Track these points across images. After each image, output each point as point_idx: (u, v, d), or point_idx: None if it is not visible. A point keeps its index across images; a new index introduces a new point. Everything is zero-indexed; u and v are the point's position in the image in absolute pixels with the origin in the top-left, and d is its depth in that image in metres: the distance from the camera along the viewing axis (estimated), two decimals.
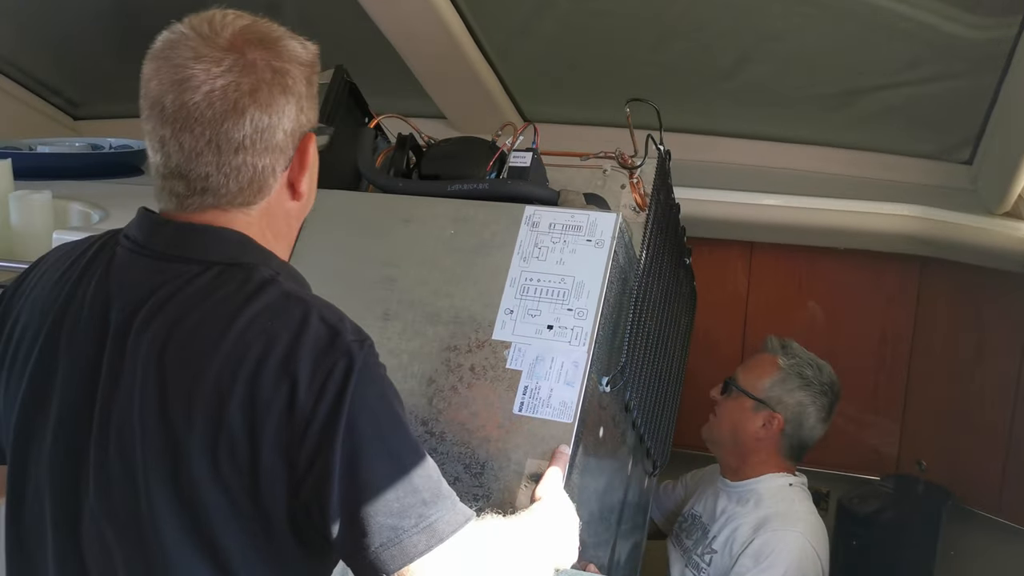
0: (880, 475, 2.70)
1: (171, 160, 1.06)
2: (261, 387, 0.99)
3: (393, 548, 1.01)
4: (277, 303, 1.05)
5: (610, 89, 2.66)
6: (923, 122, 2.35)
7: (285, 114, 1.07)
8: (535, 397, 1.46)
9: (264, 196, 1.11)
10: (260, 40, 1.07)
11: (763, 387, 2.18)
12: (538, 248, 1.57)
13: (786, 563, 2.01)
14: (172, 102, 1.04)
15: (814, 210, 2.42)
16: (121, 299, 1.07)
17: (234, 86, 1.04)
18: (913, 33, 2.00)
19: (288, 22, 2.67)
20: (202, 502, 1.02)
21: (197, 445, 1.01)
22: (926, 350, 2.62)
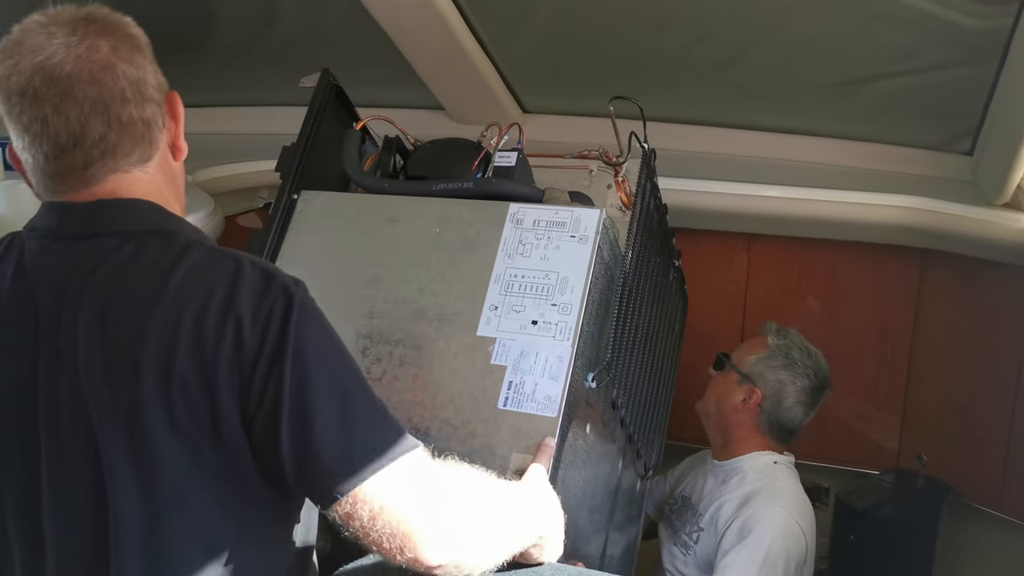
0: (880, 469, 2.68)
1: (60, 136, 1.09)
2: (206, 332, 1.03)
3: (344, 468, 1.04)
4: (208, 258, 1.10)
5: (609, 79, 2.64)
6: (923, 112, 2.32)
7: (147, 69, 1.14)
8: (519, 392, 1.47)
9: (155, 151, 1.16)
10: (100, 15, 1.13)
11: (749, 362, 2.24)
12: (522, 245, 1.58)
13: (770, 537, 2.02)
14: (43, 81, 1.07)
15: (813, 201, 2.40)
16: (44, 284, 1.09)
17: (95, 48, 1.09)
18: (911, 21, 1.97)
19: (285, 14, 2.68)
20: (163, 460, 1.04)
21: (150, 402, 1.03)
22: (927, 343, 2.60)
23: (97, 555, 1.07)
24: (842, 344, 2.66)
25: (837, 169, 2.53)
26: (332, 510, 1.07)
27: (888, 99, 2.31)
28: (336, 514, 1.07)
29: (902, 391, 2.66)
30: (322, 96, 1.85)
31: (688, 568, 2.20)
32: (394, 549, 1.07)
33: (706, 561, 2.15)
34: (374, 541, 1.07)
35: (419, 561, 1.08)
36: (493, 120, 2.87)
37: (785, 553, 2.02)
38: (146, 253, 1.09)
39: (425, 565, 1.09)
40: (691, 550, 2.20)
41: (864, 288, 2.65)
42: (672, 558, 2.25)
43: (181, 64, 2.91)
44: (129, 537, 1.06)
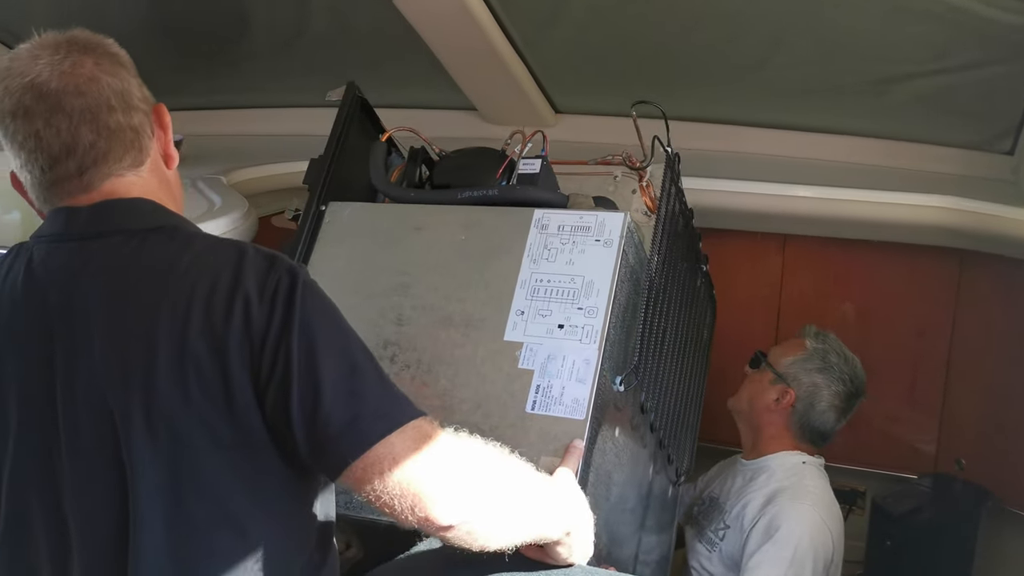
0: (917, 473, 2.64)
1: (53, 148, 1.14)
2: (216, 313, 1.07)
3: (353, 434, 1.07)
4: (211, 245, 1.16)
5: (640, 79, 2.63)
6: (962, 111, 2.28)
7: (130, 82, 1.19)
8: (547, 395, 1.48)
9: (146, 157, 1.20)
10: (84, 36, 1.19)
11: (785, 363, 2.25)
12: (548, 250, 1.59)
13: (797, 536, 2.02)
14: (32, 99, 1.13)
15: (849, 202, 2.37)
16: (55, 284, 1.13)
17: (79, 63, 1.15)
18: (949, 18, 1.94)
19: (318, 17, 2.69)
20: (181, 441, 1.08)
21: (165, 385, 1.07)
22: (965, 345, 2.55)
23: (120, 539, 1.10)
24: (878, 346, 2.63)
25: (873, 169, 2.50)
26: (343, 478, 1.10)
27: (924, 98, 2.27)
28: (347, 481, 1.10)
29: (940, 394, 2.62)
30: (348, 109, 1.87)
31: (713, 565, 2.20)
32: (405, 510, 1.09)
33: (731, 558, 2.15)
34: (385, 503, 1.09)
35: (430, 520, 1.10)
36: (525, 121, 2.90)
37: (812, 552, 2.01)
38: (151, 247, 1.14)
39: (436, 525, 1.10)
40: (716, 547, 2.20)
41: (901, 289, 2.61)
42: (697, 555, 2.25)
43: (216, 67, 2.96)
44: (152, 519, 1.09)
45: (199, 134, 2.97)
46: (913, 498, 2.53)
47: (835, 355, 2.24)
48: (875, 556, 2.57)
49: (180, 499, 1.09)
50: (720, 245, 2.72)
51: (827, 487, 2.18)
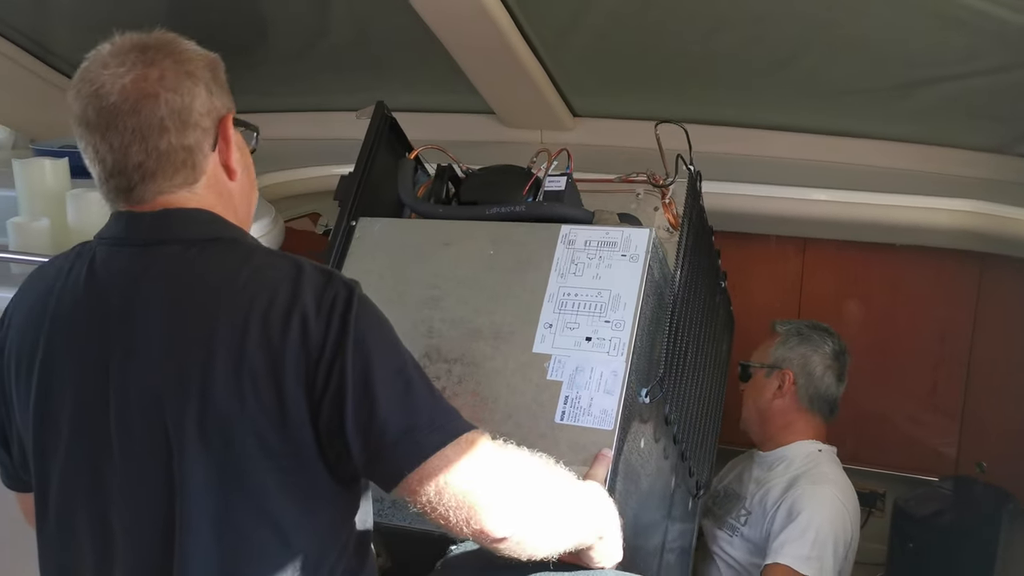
0: (938, 476, 2.64)
1: (107, 163, 1.16)
2: (273, 327, 1.09)
3: (409, 446, 1.09)
4: (269, 260, 1.17)
5: (660, 82, 2.64)
6: (984, 114, 2.28)
7: (196, 96, 1.17)
8: (576, 406, 1.50)
9: (200, 175, 1.20)
10: (158, 43, 1.19)
11: (768, 354, 2.33)
12: (575, 264, 1.62)
13: (819, 519, 2.08)
14: (93, 110, 1.14)
15: (870, 205, 2.37)
16: (115, 289, 1.15)
17: (142, 77, 1.14)
18: (974, 23, 1.94)
19: (338, 21, 2.70)
20: (233, 451, 1.10)
21: (221, 396, 1.09)
22: (986, 348, 2.55)
23: (166, 543, 1.12)
24: (900, 349, 2.63)
25: (893, 172, 2.50)
26: (399, 489, 1.11)
27: (947, 101, 2.27)
28: (403, 492, 1.11)
29: (961, 396, 2.62)
30: (377, 127, 1.91)
31: (735, 549, 2.25)
32: (460, 522, 1.11)
33: (753, 542, 2.21)
34: (441, 515, 1.11)
35: (484, 533, 1.12)
36: (543, 124, 2.92)
37: (833, 535, 2.08)
38: (211, 258, 1.16)
39: (491, 537, 1.13)
40: (737, 531, 2.25)
41: (922, 293, 2.61)
42: (717, 541, 2.30)
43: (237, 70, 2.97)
44: (200, 524, 1.10)
45: None
46: (935, 501, 2.53)
47: (806, 326, 2.35)
48: (897, 558, 2.57)
49: (228, 505, 1.11)
50: (740, 249, 2.72)
51: (843, 472, 2.25)
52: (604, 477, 1.41)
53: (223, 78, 1.24)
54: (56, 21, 2.85)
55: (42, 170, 2.05)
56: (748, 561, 2.22)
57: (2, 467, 1.34)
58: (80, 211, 1.96)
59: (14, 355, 1.21)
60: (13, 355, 1.21)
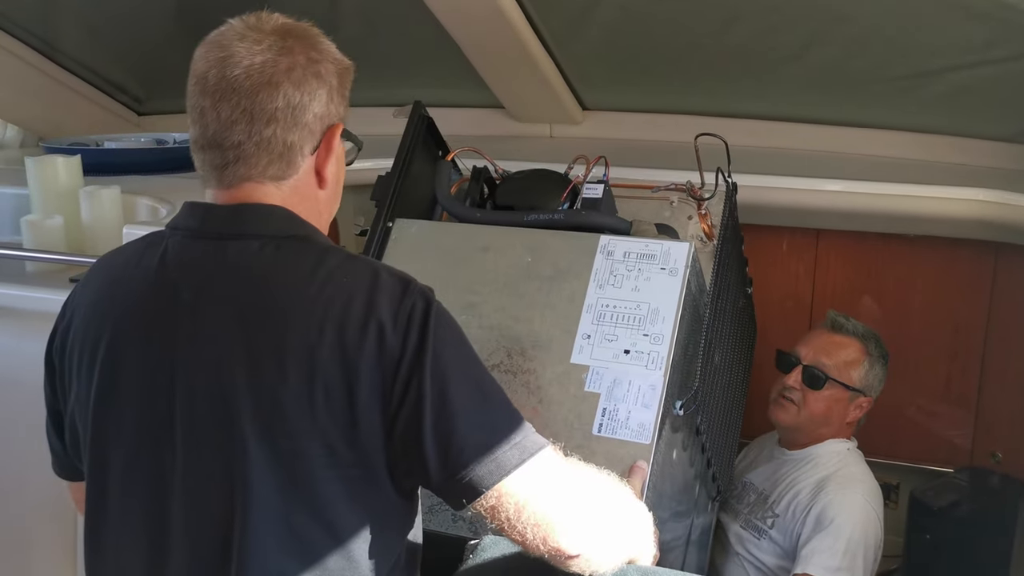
0: (953, 467, 2.62)
1: (208, 130, 1.14)
2: (349, 335, 1.07)
3: (489, 463, 1.08)
4: (345, 263, 1.14)
5: (672, 75, 2.63)
6: (999, 103, 2.27)
7: (316, 97, 1.15)
8: (613, 419, 1.51)
9: (293, 173, 1.17)
10: (300, 33, 1.18)
11: (857, 376, 2.24)
12: (613, 276, 1.63)
13: (850, 526, 2.06)
14: (215, 75, 1.12)
15: (884, 196, 2.36)
16: (187, 279, 1.14)
17: (272, 63, 1.13)
18: (990, 13, 1.93)
19: (351, 16, 2.70)
20: (300, 454, 1.08)
21: (291, 400, 1.07)
22: (1001, 339, 2.54)
23: (224, 543, 1.11)
24: (914, 340, 2.62)
25: (907, 162, 2.49)
26: (476, 504, 1.11)
27: (962, 91, 2.26)
28: (480, 508, 1.11)
29: (975, 387, 2.60)
30: (415, 127, 1.91)
31: (763, 553, 2.22)
32: (537, 540, 1.12)
33: (782, 546, 2.18)
34: (519, 532, 1.11)
35: (560, 551, 1.13)
36: (553, 118, 2.91)
37: (864, 541, 2.06)
38: (286, 255, 1.14)
39: (565, 555, 1.14)
40: (765, 534, 2.21)
41: (936, 283, 2.60)
42: (743, 541, 2.26)
43: None
44: (261, 526, 1.09)
45: None
46: (952, 492, 2.52)
47: (880, 345, 2.28)
48: (914, 550, 2.56)
49: (290, 511, 1.09)
50: (753, 240, 2.70)
51: (870, 471, 2.23)
52: (640, 489, 1.42)
53: (348, 87, 1.23)
54: (65, 21, 2.85)
55: (55, 168, 2.06)
56: (776, 564, 2.19)
57: (55, 455, 1.33)
58: (93, 208, 1.97)
59: (78, 343, 1.19)
60: (77, 343, 1.19)
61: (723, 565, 2.31)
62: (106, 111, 3.25)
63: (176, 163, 2.67)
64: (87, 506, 1.22)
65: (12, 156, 2.92)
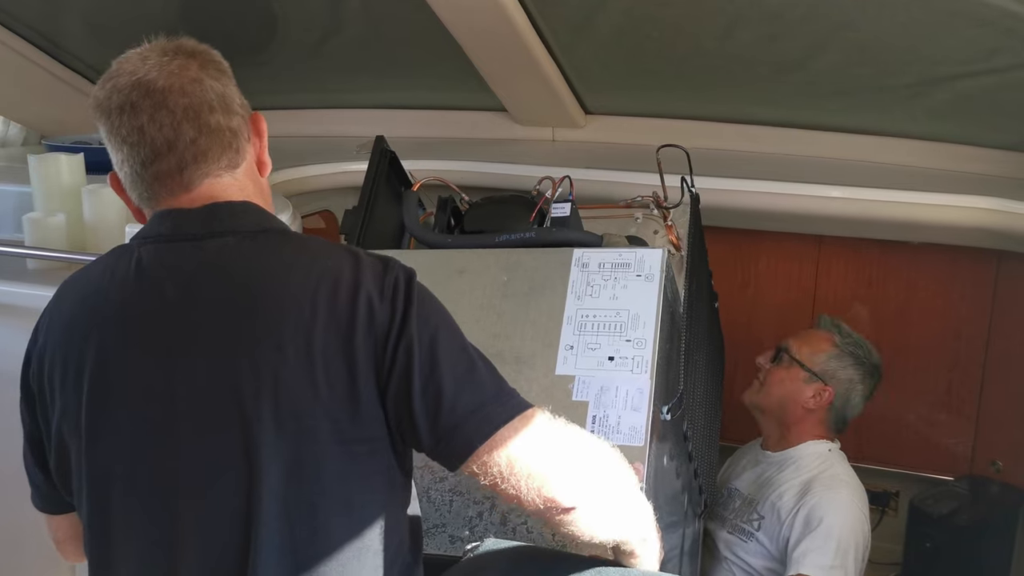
0: (953, 476, 2.62)
1: (156, 142, 1.16)
2: (340, 310, 1.12)
3: (478, 419, 1.11)
4: (325, 248, 1.20)
5: (675, 80, 2.63)
6: (1002, 112, 2.27)
7: (231, 88, 1.22)
8: (604, 425, 1.52)
9: (241, 160, 1.23)
10: (187, 43, 1.23)
11: (819, 361, 2.28)
12: (590, 287, 1.65)
13: (839, 526, 2.08)
14: (139, 95, 1.16)
15: (885, 203, 2.35)
16: (171, 278, 1.16)
17: (185, 66, 1.19)
18: (994, 21, 1.92)
19: (354, 19, 2.69)
20: (306, 432, 1.11)
21: (293, 379, 1.10)
22: (1002, 347, 2.54)
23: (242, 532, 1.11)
24: (914, 347, 2.62)
25: (911, 169, 2.49)
26: (468, 463, 1.12)
27: (965, 98, 2.26)
28: (472, 466, 1.13)
29: (976, 395, 2.61)
30: (378, 163, 1.99)
31: (751, 555, 2.23)
32: (532, 492, 1.13)
33: (770, 548, 2.19)
34: (512, 486, 1.12)
35: (556, 502, 1.14)
36: (556, 122, 2.91)
37: (854, 539, 2.08)
38: (267, 247, 1.18)
39: (561, 506, 1.15)
40: (751, 536, 2.23)
41: (937, 291, 2.60)
42: (730, 545, 2.28)
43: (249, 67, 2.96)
44: (275, 509, 1.11)
45: None
46: (951, 500, 2.52)
47: (860, 348, 2.31)
48: (913, 558, 2.56)
49: (303, 489, 1.11)
50: (755, 246, 2.72)
51: (853, 472, 2.25)
52: None
53: None
54: (68, 18, 2.85)
55: (58, 166, 2.05)
56: (763, 567, 2.21)
57: (36, 488, 1.33)
58: (96, 207, 1.96)
59: (59, 360, 1.19)
60: (58, 361, 1.20)
61: (712, 571, 2.32)
62: None
63: None
64: (89, 520, 1.20)
65: (15, 154, 2.92)
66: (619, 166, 2.40)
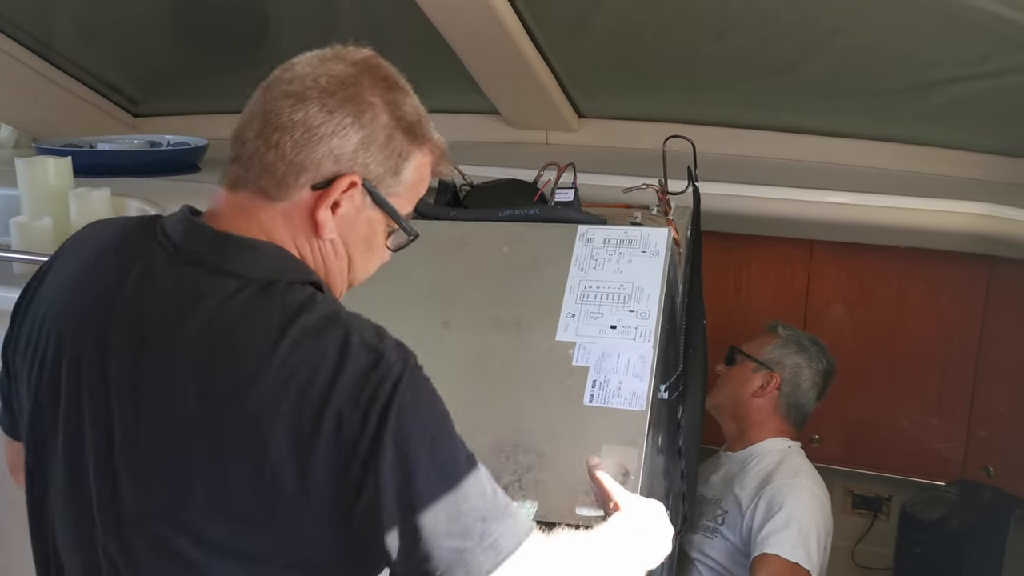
0: (945, 481, 2.62)
1: (242, 119, 1.07)
2: (306, 413, 0.95)
3: (459, 570, 0.96)
4: (317, 325, 1.00)
5: (668, 83, 2.62)
6: (994, 116, 2.27)
7: (339, 135, 1.04)
8: (605, 389, 1.50)
9: (284, 196, 1.05)
10: (383, 76, 1.08)
11: (764, 351, 2.35)
12: (594, 260, 1.63)
13: (800, 511, 2.11)
14: (274, 74, 1.08)
15: (877, 207, 2.35)
16: (155, 306, 1.04)
17: (312, 78, 1.05)
18: (987, 26, 1.93)
19: (346, 21, 2.69)
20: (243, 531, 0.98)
21: (237, 473, 0.96)
22: (994, 352, 2.53)
23: None
24: (905, 352, 2.61)
25: (902, 174, 2.49)
26: None
27: (957, 103, 2.26)
28: None
29: (968, 400, 2.60)
30: None
31: (716, 551, 2.25)
32: None
33: (733, 542, 2.21)
34: None
35: None
36: (549, 125, 2.91)
37: (815, 524, 2.11)
38: (261, 304, 1.01)
39: None
40: (717, 532, 2.25)
41: (929, 296, 2.59)
42: (698, 545, 2.30)
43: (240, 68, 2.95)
44: None
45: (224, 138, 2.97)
46: (942, 505, 2.51)
47: (806, 339, 2.37)
48: (904, 563, 2.55)
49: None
50: (746, 250, 2.71)
51: (812, 466, 2.28)
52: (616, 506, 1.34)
53: (408, 163, 1.10)
54: (60, 20, 2.85)
55: (45, 169, 2.04)
56: (730, 562, 2.23)
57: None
58: (83, 210, 1.95)
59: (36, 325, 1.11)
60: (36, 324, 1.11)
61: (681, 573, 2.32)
62: (101, 112, 3.24)
63: (169, 165, 2.67)
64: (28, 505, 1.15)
65: (5, 156, 2.91)
66: (612, 169, 2.39)
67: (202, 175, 2.62)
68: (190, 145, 2.76)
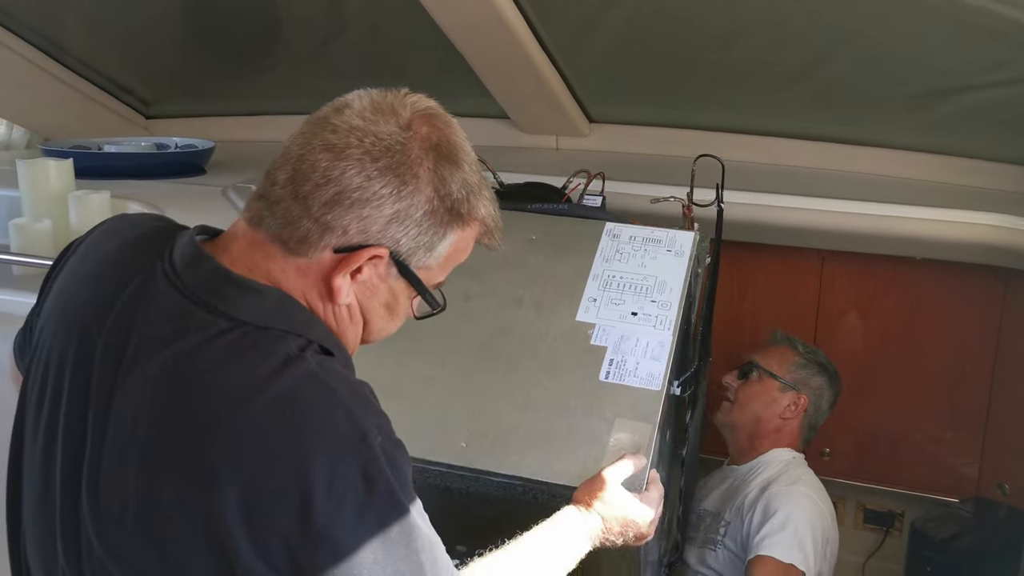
0: (958, 498, 2.56)
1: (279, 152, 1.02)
2: (267, 486, 0.89)
3: None
4: (300, 387, 0.93)
5: (678, 89, 2.59)
6: (1011, 125, 2.22)
7: (373, 204, 0.97)
8: (621, 368, 1.54)
9: (303, 252, 0.99)
10: (436, 139, 1.01)
11: (789, 371, 2.33)
12: (620, 254, 1.69)
13: (795, 515, 2.11)
14: (322, 112, 1.02)
15: (890, 217, 2.30)
16: (144, 325, 0.99)
17: (359, 135, 0.97)
18: (1004, 33, 1.88)
19: (352, 25, 2.68)
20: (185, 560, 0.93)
21: (182, 531, 0.91)
22: (1010, 366, 2.48)
23: None
24: (919, 365, 2.57)
25: (916, 184, 2.44)
26: None
27: (972, 112, 2.21)
28: None
29: (983, 415, 2.55)
30: None
31: (719, 564, 2.24)
32: None
33: (735, 550, 2.20)
34: None
35: None
36: (559, 130, 2.88)
37: (811, 527, 2.10)
38: (246, 352, 0.95)
39: None
40: (719, 544, 2.24)
41: (943, 308, 2.54)
42: (702, 559, 2.28)
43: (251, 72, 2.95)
44: None
45: (235, 140, 2.97)
46: (955, 523, 2.47)
47: (823, 360, 2.36)
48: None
49: None
50: (758, 260, 2.67)
51: (815, 475, 2.27)
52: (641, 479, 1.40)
53: (446, 241, 1.04)
54: (72, 21, 2.85)
55: (46, 171, 2.04)
56: (732, 571, 2.21)
57: None
58: (82, 213, 1.94)
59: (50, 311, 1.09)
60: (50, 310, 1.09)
61: None
62: (113, 113, 3.25)
63: (175, 168, 2.66)
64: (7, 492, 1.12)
65: (16, 157, 2.92)
66: (623, 175, 2.36)
67: (207, 178, 2.61)
68: (197, 147, 2.76)
